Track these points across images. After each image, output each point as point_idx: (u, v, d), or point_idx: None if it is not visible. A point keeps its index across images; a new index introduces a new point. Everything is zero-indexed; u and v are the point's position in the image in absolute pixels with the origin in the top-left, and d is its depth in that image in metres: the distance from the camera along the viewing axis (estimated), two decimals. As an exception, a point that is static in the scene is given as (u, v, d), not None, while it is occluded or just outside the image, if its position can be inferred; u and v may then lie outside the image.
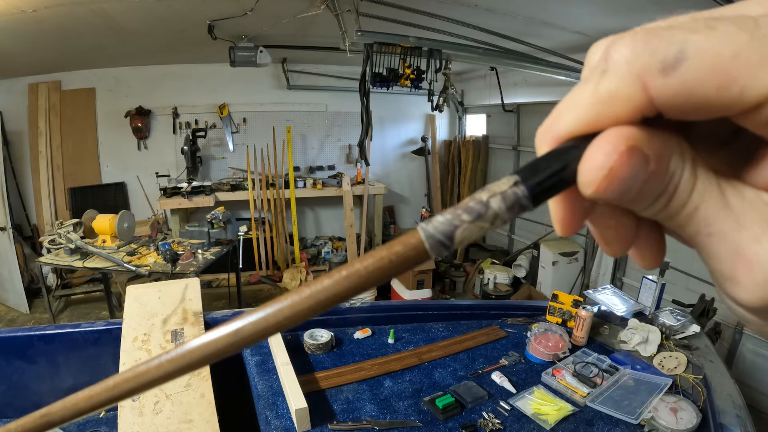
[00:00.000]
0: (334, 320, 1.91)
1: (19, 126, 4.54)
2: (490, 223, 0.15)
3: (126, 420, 1.35)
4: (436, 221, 0.15)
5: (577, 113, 0.16)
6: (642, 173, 0.16)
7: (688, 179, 0.16)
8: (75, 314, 4.25)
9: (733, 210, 0.16)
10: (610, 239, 0.19)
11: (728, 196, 0.16)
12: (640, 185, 0.16)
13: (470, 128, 6.21)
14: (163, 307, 1.73)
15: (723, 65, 0.14)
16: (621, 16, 2.90)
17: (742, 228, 0.15)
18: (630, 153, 0.15)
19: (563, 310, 1.93)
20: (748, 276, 0.15)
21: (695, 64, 0.14)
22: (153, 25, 3.50)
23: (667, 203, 0.16)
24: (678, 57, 0.14)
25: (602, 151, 0.15)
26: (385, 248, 0.16)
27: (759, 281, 0.15)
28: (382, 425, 1.34)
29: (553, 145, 0.17)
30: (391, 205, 6.07)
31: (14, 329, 1.77)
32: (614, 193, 0.16)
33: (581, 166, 0.16)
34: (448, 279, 4.87)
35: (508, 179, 0.15)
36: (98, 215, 3.28)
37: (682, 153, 0.16)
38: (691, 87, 0.14)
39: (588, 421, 1.39)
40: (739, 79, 0.14)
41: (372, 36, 3.11)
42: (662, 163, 0.16)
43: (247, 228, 4.07)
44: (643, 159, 0.15)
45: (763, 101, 0.14)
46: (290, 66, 5.14)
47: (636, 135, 0.15)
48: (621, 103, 0.15)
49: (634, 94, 0.15)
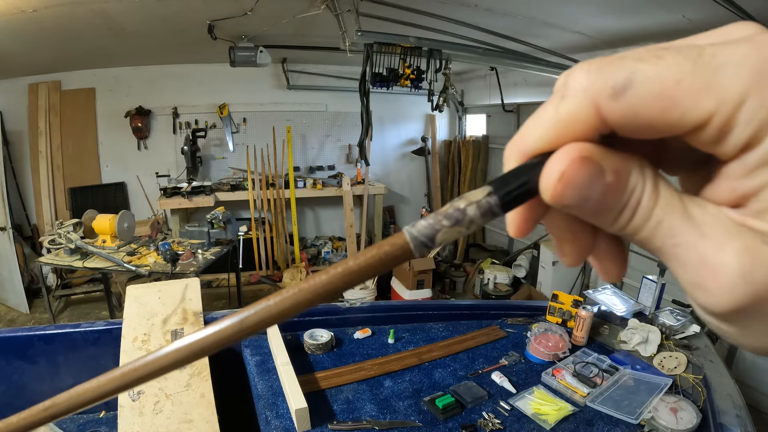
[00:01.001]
0: (334, 320, 1.91)
1: (19, 126, 4.54)
2: (467, 227, 0.18)
3: (126, 420, 1.35)
4: (420, 225, 0.17)
5: (540, 132, 0.18)
6: (598, 183, 0.17)
7: (649, 194, 0.18)
8: (75, 314, 4.26)
9: (697, 222, 0.17)
10: (566, 251, 0.21)
11: (691, 210, 0.17)
12: (598, 196, 0.17)
13: (470, 128, 6.21)
14: (163, 307, 1.73)
15: (666, 91, 0.16)
16: (621, 16, 2.90)
17: (705, 238, 0.16)
18: (581, 161, 0.17)
19: (563, 310, 1.93)
20: (714, 282, 0.16)
21: (641, 90, 0.16)
22: (153, 25, 3.50)
23: (631, 217, 0.18)
24: (626, 83, 0.16)
25: (557, 160, 0.17)
26: (375, 247, 0.17)
27: (725, 286, 0.16)
28: (382, 425, 1.34)
29: (519, 160, 0.19)
30: (391, 205, 6.07)
31: (14, 329, 1.77)
32: (571, 199, 0.17)
33: (541, 176, 0.18)
34: (448, 279, 4.87)
35: (483, 189, 0.18)
36: (98, 215, 3.28)
37: (643, 170, 0.18)
38: (637, 110, 0.16)
39: (588, 421, 1.39)
40: (680, 103, 0.15)
41: (372, 36, 3.11)
42: (621, 178, 0.17)
43: (247, 228, 4.07)
44: (597, 169, 0.17)
45: (704, 123, 0.16)
46: (290, 66, 5.14)
47: (589, 148, 0.17)
48: (578, 123, 0.17)
49: (589, 115, 0.17)
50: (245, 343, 1.76)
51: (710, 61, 0.15)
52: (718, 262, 0.16)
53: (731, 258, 0.16)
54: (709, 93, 0.15)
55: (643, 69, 0.16)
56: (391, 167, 6.07)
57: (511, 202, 0.18)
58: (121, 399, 1.41)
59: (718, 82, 0.15)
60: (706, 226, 0.17)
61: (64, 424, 1.72)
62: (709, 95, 0.15)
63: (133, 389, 1.42)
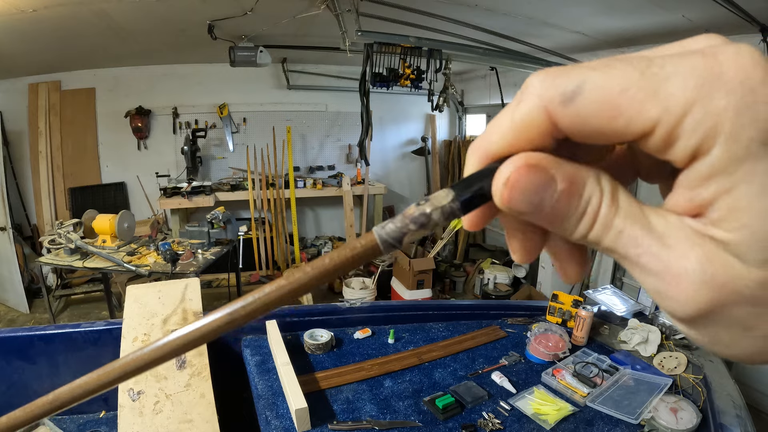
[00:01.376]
0: (334, 320, 1.91)
1: (19, 126, 4.54)
2: (431, 229, 0.19)
3: (126, 420, 1.35)
4: (389, 228, 0.19)
5: (498, 135, 0.19)
6: (548, 190, 0.18)
7: (608, 204, 0.18)
8: (75, 314, 4.26)
9: (659, 232, 0.17)
10: (515, 248, 0.22)
11: (652, 220, 0.18)
12: (551, 203, 0.18)
13: (470, 128, 6.21)
14: (163, 307, 1.73)
15: (612, 99, 0.16)
16: (621, 16, 2.90)
17: (668, 247, 0.17)
18: (528, 168, 0.18)
19: (563, 310, 1.94)
20: (676, 289, 0.17)
21: (588, 97, 0.17)
22: (153, 25, 3.50)
23: (591, 226, 0.18)
24: (575, 91, 0.17)
25: (505, 166, 0.18)
26: (348, 247, 0.19)
27: (688, 293, 0.17)
28: (382, 425, 1.34)
29: (479, 159, 0.20)
30: (391, 205, 6.07)
31: (14, 329, 1.77)
32: (520, 204, 0.18)
33: (493, 181, 0.19)
34: (448, 279, 4.86)
35: (447, 194, 0.19)
36: (98, 215, 3.27)
37: (600, 181, 0.18)
38: (585, 117, 0.17)
39: (588, 421, 1.39)
40: (625, 111, 0.16)
41: (372, 36, 3.11)
42: (574, 186, 0.18)
43: (247, 228, 4.07)
44: (545, 175, 0.18)
45: (648, 131, 0.16)
46: (290, 66, 5.14)
47: (539, 157, 0.18)
48: (531, 127, 0.18)
49: (541, 120, 0.18)
50: (245, 343, 1.77)
51: (658, 71, 0.16)
52: (680, 269, 0.17)
53: (693, 265, 0.16)
54: (654, 102, 0.16)
55: (592, 78, 0.17)
56: (391, 167, 6.07)
57: (470, 206, 0.19)
58: (121, 399, 1.41)
59: (663, 92, 0.16)
60: (668, 235, 0.17)
61: (64, 424, 1.72)
62: (653, 104, 0.16)
63: (133, 390, 1.42)
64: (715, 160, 0.16)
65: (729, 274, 0.16)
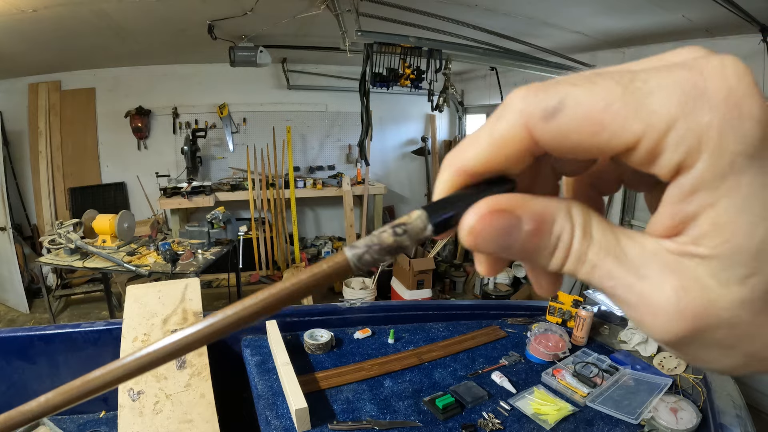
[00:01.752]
0: (334, 320, 1.91)
1: (19, 126, 4.54)
2: (404, 250, 0.19)
3: (126, 420, 1.35)
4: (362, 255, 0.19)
5: (475, 150, 0.19)
6: (515, 232, 0.18)
7: (579, 239, 0.18)
8: (75, 314, 4.26)
9: (633, 263, 0.17)
10: (480, 264, 0.22)
11: (627, 250, 0.17)
12: (519, 243, 0.18)
13: (470, 128, 6.21)
14: (163, 307, 1.73)
15: (595, 115, 0.16)
16: (621, 16, 2.90)
17: (643, 279, 0.17)
18: (491, 215, 0.18)
19: (563, 310, 1.93)
20: (652, 319, 0.17)
21: (570, 113, 0.16)
22: (153, 25, 3.50)
23: (564, 260, 0.18)
24: (557, 107, 0.17)
25: (469, 214, 0.18)
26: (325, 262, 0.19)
27: (663, 322, 0.17)
28: (382, 425, 1.34)
29: (452, 174, 0.20)
30: (391, 205, 6.07)
31: (14, 329, 1.77)
32: (486, 249, 0.18)
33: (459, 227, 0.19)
34: (448, 279, 4.86)
35: (420, 219, 0.18)
36: (98, 215, 3.27)
37: (571, 214, 0.18)
38: (567, 132, 0.17)
39: (588, 421, 1.39)
40: (608, 127, 0.16)
41: (372, 36, 3.11)
42: (544, 224, 0.18)
43: (247, 228, 4.07)
44: (510, 219, 0.18)
45: (632, 146, 0.16)
46: (290, 66, 5.14)
47: (503, 200, 0.18)
48: (511, 143, 0.18)
49: (521, 137, 0.18)
50: (245, 343, 1.77)
51: (641, 86, 0.16)
52: (654, 300, 0.17)
53: (667, 295, 0.16)
54: (637, 117, 0.16)
55: (574, 93, 0.16)
56: (391, 167, 6.07)
57: (440, 231, 0.19)
58: (121, 399, 1.41)
59: (646, 107, 0.16)
60: (643, 265, 0.17)
61: (64, 424, 1.72)
62: (636, 119, 0.16)
63: (133, 390, 1.42)
64: (699, 175, 0.16)
65: (706, 301, 0.16)
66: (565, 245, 0.18)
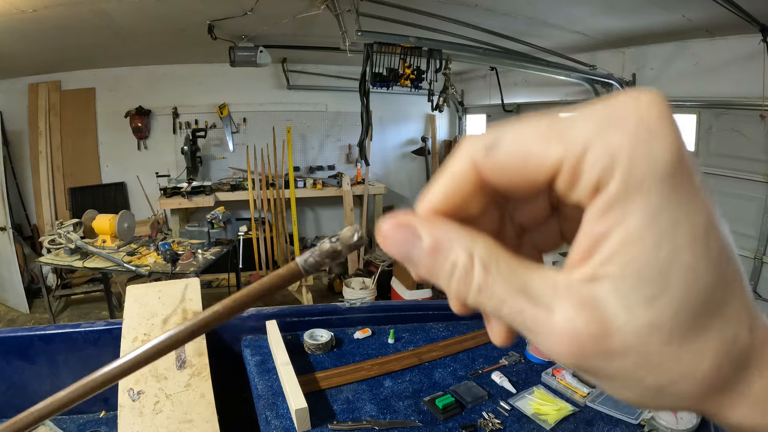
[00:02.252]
0: (334, 320, 1.91)
1: (19, 126, 4.54)
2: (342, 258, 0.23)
3: (126, 420, 1.35)
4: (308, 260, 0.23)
5: (437, 188, 0.21)
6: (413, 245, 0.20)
7: (480, 272, 0.19)
8: (75, 314, 4.26)
9: (533, 295, 0.18)
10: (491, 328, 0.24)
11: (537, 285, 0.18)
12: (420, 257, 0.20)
13: (470, 128, 6.21)
14: (163, 307, 1.73)
15: (524, 145, 0.18)
16: (621, 16, 2.90)
17: (552, 313, 0.17)
18: (397, 225, 0.20)
19: (563, 310, 1.93)
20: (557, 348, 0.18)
21: (505, 145, 0.19)
22: (153, 25, 3.50)
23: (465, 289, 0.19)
24: (494, 142, 0.19)
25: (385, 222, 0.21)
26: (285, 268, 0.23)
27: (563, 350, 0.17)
28: (382, 425, 1.34)
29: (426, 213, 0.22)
30: (391, 205, 6.07)
31: (14, 329, 1.77)
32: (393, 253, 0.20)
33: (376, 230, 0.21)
34: (448, 279, 4.86)
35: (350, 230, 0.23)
36: (98, 215, 3.28)
37: (472, 246, 0.19)
38: (504, 163, 0.19)
39: (588, 421, 1.39)
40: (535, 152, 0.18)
41: (372, 36, 3.11)
42: (439, 246, 0.19)
43: (247, 228, 4.07)
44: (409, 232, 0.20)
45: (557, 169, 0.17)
46: (290, 66, 5.14)
47: (409, 219, 0.20)
48: (461, 178, 0.20)
49: (468, 172, 0.20)
50: (245, 343, 1.77)
51: (565, 120, 0.18)
52: (557, 329, 0.17)
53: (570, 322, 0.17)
54: (558, 142, 0.17)
55: (509, 130, 0.19)
56: (391, 167, 6.07)
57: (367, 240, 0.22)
58: (121, 399, 1.41)
59: (567, 134, 0.17)
60: (555, 302, 0.18)
61: (64, 425, 1.72)
62: (557, 144, 0.17)
63: (133, 390, 1.42)
64: (612, 193, 0.16)
65: (606, 326, 0.17)
66: (461, 273, 0.19)
